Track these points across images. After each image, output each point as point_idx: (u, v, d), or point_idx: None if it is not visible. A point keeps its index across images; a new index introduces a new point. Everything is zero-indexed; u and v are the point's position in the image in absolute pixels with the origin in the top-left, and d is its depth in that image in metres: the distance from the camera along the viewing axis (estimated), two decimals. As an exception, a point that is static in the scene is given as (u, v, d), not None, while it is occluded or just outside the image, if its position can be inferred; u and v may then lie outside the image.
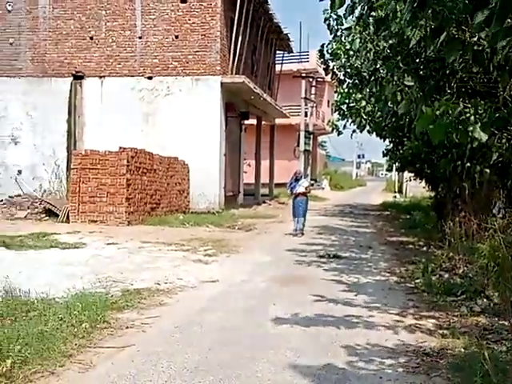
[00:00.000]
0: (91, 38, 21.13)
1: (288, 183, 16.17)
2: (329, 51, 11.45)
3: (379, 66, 7.90)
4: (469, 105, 4.41)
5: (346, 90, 12.78)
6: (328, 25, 9.26)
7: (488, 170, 8.42)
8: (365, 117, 12.16)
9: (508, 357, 4.88)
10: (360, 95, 11.83)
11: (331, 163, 67.48)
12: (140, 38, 20.91)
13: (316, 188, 39.03)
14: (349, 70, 11.06)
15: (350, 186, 55.58)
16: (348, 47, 10.66)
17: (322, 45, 11.27)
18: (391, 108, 7.81)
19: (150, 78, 20.91)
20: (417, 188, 29.76)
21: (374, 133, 13.12)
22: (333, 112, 28.65)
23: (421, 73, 6.14)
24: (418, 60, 6.29)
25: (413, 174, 21.10)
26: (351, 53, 10.45)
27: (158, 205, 18.37)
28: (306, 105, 38.44)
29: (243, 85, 20.70)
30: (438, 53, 5.18)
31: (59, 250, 11.40)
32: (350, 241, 14.41)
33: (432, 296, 7.62)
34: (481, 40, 4.47)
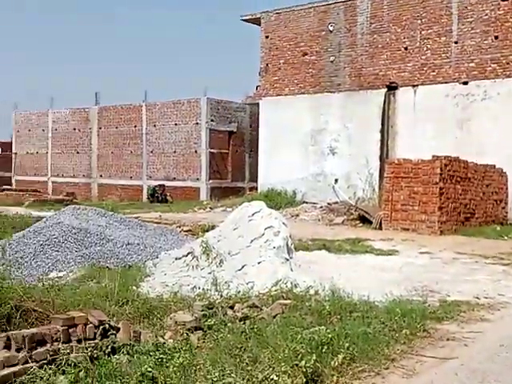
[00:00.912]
0: (405, 49, 21.42)
1: None
2: None
3: None
4: None
5: None
6: None
7: None
8: None
9: None
10: None
11: None
12: (456, 43, 20.35)
13: None
14: None
15: None
16: None
17: None
18: None
19: (466, 83, 20.15)
20: None
21: None
22: None
23: None
24: None
25: None
26: None
27: (473, 215, 17.55)
28: None
29: None
30: None
31: (374, 256, 11.83)
32: None
33: None
34: None
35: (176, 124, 31.01)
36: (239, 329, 5.32)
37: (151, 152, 32.12)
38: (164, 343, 5.28)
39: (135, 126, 32.71)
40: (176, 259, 9.78)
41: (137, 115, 32.72)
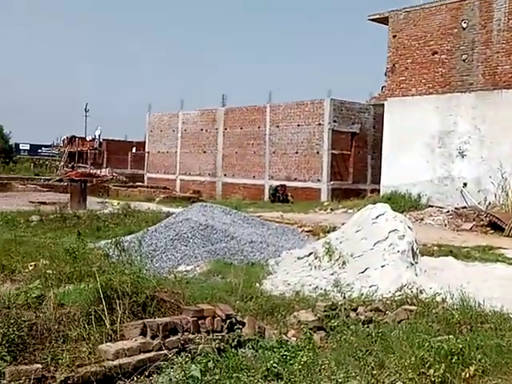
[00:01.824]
0: None
1: None
2: None
3: None
4: None
5: None
6: None
7: None
8: None
9: None
10: None
11: None
12: None
13: None
14: None
15: None
16: None
17: None
18: None
19: None
20: None
21: None
22: None
23: None
24: None
25: None
26: None
27: None
28: None
29: None
30: None
31: (506, 265, 11.13)
32: None
33: None
34: None
35: (299, 125, 31.24)
36: (363, 332, 5.27)
37: (273, 152, 32.62)
38: (287, 341, 5.37)
39: (259, 127, 33.41)
40: (298, 259, 9.88)
41: (261, 116, 33.40)
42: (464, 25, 21.87)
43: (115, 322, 5.25)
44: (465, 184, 21.66)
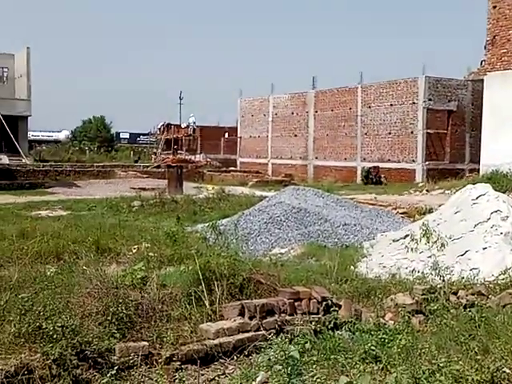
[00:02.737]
0: None
1: None
2: None
3: None
4: None
5: None
6: None
7: None
8: None
9: None
10: None
11: None
12: None
13: None
14: None
15: None
16: None
17: None
18: None
19: None
20: None
21: None
22: None
23: None
24: None
25: None
26: None
27: None
28: None
29: None
30: None
31: None
32: None
33: None
34: None
35: (391, 105, 30.41)
36: (465, 316, 5.10)
37: (365, 134, 32.02)
38: (385, 324, 5.31)
39: (350, 109, 32.88)
40: (393, 241, 9.69)
41: (352, 97, 32.84)
42: None
43: (214, 303, 5.44)
44: None
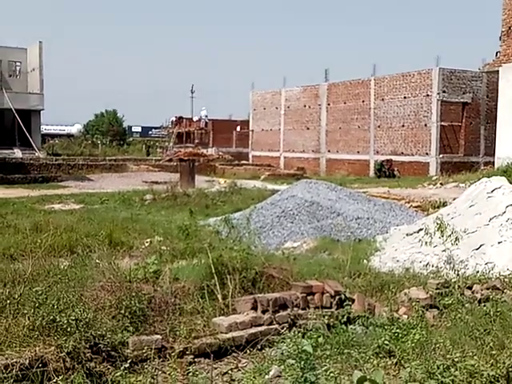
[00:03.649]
0: None
1: None
2: None
3: None
4: None
5: None
6: None
7: None
8: None
9: None
10: None
11: None
12: None
13: None
14: None
15: None
16: None
17: None
18: None
19: None
20: None
21: None
22: None
23: None
24: None
25: None
26: None
27: None
28: None
29: None
30: None
31: None
32: None
33: None
34: None
35: (405, 97, 30.18)
36: (480, 311, 5.05)
37: (378, 126, 31.82)
38: (398, 318, 5.27)
39: (363, 101, 32.68)
40: (407, 235, 9.61)
41: (365, 90, 32.63)
42: None
43: (227, 297, 5.43)
44: None
